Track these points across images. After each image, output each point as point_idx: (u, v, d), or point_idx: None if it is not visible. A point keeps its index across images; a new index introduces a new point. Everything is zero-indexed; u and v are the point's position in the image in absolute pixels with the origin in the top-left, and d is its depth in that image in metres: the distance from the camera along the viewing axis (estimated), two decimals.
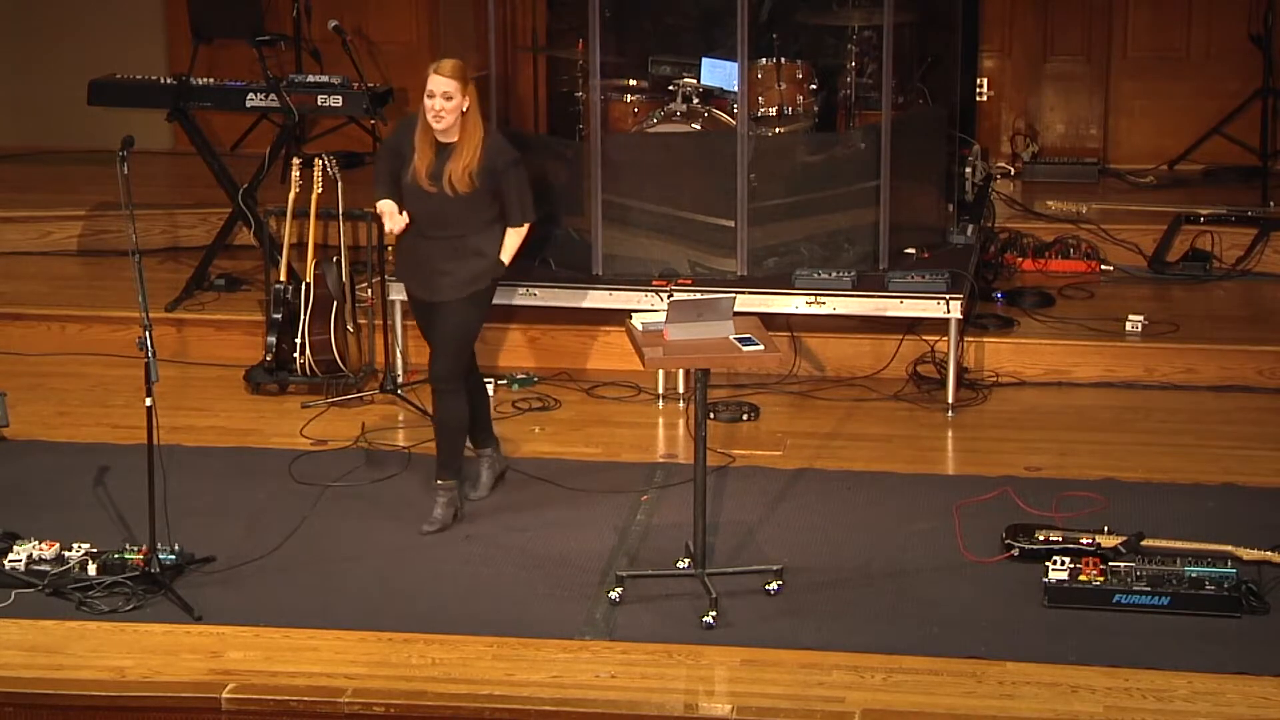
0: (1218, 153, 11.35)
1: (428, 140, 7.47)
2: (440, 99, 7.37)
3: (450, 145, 7.46)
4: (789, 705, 6.43)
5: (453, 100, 7.37)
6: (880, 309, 9.09)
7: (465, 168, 7.44)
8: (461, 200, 7.48)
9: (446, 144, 7.47)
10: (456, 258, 7.57)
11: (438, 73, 7.40)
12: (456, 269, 7.58)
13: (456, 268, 7.58)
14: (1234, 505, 7.89)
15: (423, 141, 7.48)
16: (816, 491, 8.09)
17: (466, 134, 7.45)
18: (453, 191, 7.46)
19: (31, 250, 10.90)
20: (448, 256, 7.57)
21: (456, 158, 7.45)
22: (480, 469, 8.00)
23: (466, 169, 7.44)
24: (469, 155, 7.45)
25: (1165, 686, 6.49)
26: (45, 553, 7.30)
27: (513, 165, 7.57)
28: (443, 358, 7.67)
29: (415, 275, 7.71)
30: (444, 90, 7.37)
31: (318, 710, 6.50)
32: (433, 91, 7.38)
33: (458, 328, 7.65)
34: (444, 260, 7.57)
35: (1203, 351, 9.29)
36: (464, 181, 7.45)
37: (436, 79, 7.39)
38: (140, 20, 12.22)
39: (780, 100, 9.68)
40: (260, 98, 10.22)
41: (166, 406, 7.87)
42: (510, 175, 7.57)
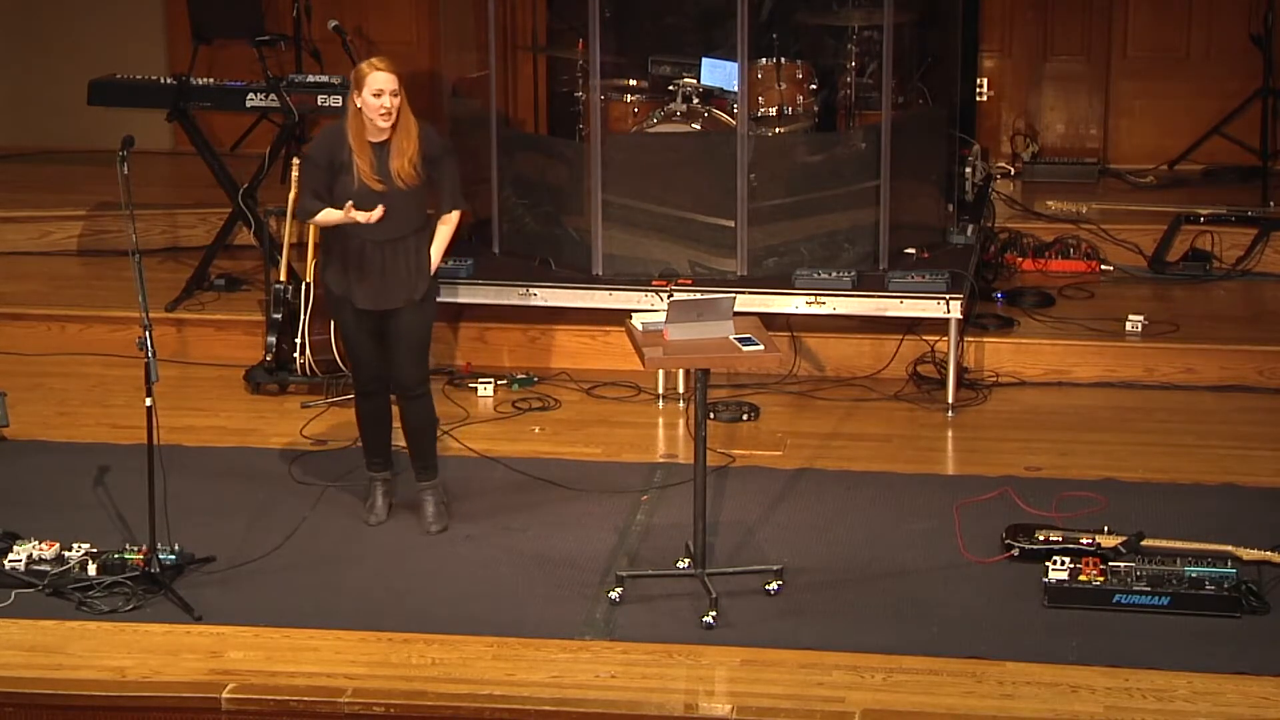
0: (1218, 153, 11.35)
1: (363, 143, 7.38)
2: (389, 96, 7.31)
3: (385, 143, 7.40)
4: (789, 705, 6.43)
5: (398, 96, 7.34)
6: (880, 309, 9.09)
7: (409, 159, 7.39)
8: (409, 195, 7.43)
9: (380, 142, 7.40)
10: (405, 257, 7.51)
11: (381, 69, 7.31)
12: (408, 271, 7.52)
13: (407, 269, 7.52)
14: (1234, 505, 7.89)
15: (359, 145, 7.38)
16: (816, 491, 8.09)
17: (403, 127, 7.39)
18: (404, 185, 7.40)
19: (31, 250, 10.90)
20: (398, 258, 7.49)
21: (399, 152, 7.39)
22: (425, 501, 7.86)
23: (410, 160, 7.39)
24: (409, 146, 7.39)
25: (1165, 686, 6.49)
26: (45, 553, 7.30)
27: (448, 153, 7.59)
28: (412, 364, 7.63)
29: (362, 285, 7.50)
30: (391, 87, 7.31)
31: (318, 710, 6.50)
32: (381, 90, 7.29)
33: (421, 329, 7.63)
34: (395, 263, 7.48)
35: (1203, 351, 9.29)
36: (410, 173, 7.40)
37: (382, 76, 7.30)
38: (140, 20, 12.22)
39: (780, 100, 9.68)
40: (260, 98, 10.22)
41: (166, 406, 7.86)
42: (446, 162, 7.57)
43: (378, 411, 7.79)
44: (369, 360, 7.66)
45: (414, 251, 7.53)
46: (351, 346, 7.73)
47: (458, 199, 7.66)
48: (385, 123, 7.34)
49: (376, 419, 7.81)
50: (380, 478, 7.86)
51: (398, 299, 7.53)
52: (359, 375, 7.75)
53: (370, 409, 7.78)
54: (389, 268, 7.49)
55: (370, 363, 7.67)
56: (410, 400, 7.70)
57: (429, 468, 7.78)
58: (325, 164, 7.45)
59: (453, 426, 8.77)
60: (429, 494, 7.76)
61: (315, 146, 7.57)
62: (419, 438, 7.75)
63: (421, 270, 7.56)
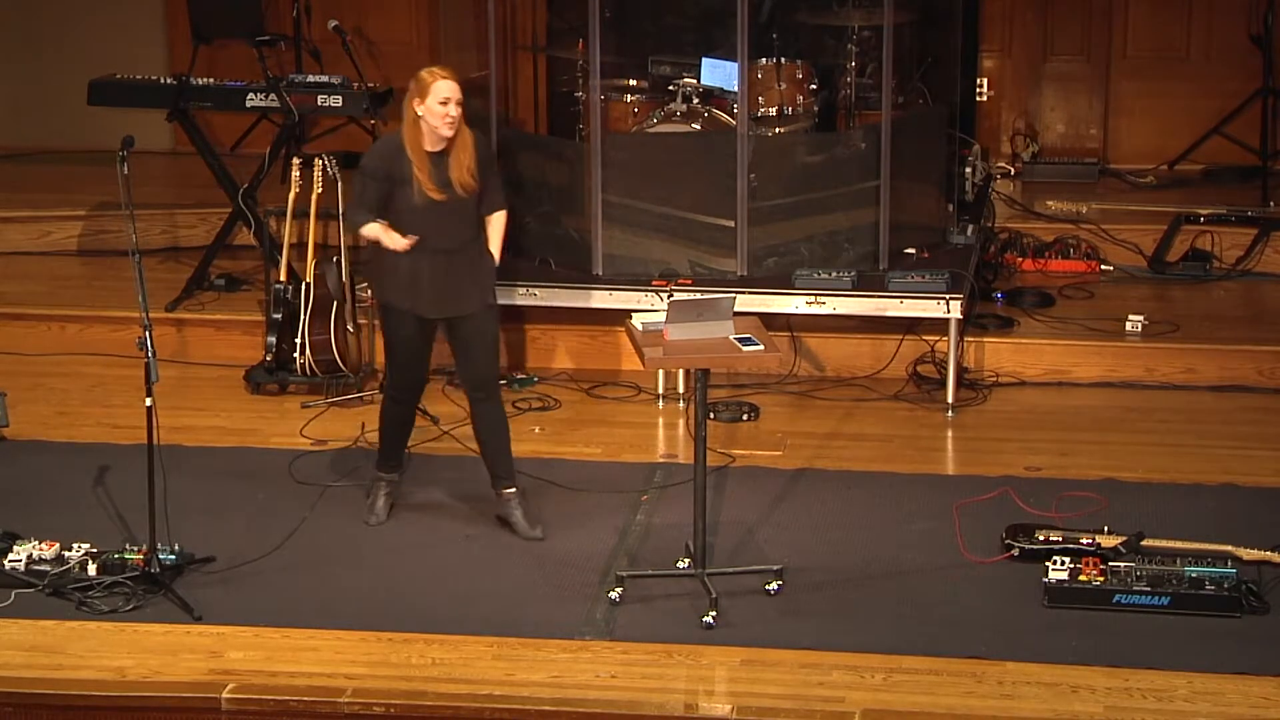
0: (1218, 153, 11.35)
1: (421, 154, 7.34)
2: (455, 105, 7.26)
3: (443, 152, 7.37)
4: (789, 705, 6.43)
5: (461, 105, 7.30)
6: (880, 309, 9.09)
7: (468, 166, 7.38)
8: (468, 204, 7.43)
9: (437, 151, 7.37)
10: (471, 264, 7.49)
11: (446, 78, 7.28)
12: (475, 276, 7.50)
13: (474, 274, 7.50)
14: (1234, 505, 7.89)
15: (418, 155, 7.33)
16: (816, 491, 8.09)
17: (461, 134, 7.37)
18: (464, 194, 7.38)
19: (31, 250, 10.90)
20: (463, 265, 7.46)
21: (457, 160, 7.37)
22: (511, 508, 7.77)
23: (469, 169, 7.38)
24: (466, 154, 7.38)
25: (1165, 686, 6.49)
26: (45, 553, 7.30)
27: (494, 155, 7.63)
28: (488, 363, 7.62)
29: (426, 296, 7.45)
30: (457, 96, 7.27)
31: (318, 710, 6.50)
32: (448, 98, 7.24)
33: (494, 328, 7.62)
34: (461, 271, 7.46)
35: (1203, 351, 9.29)
36: (469, 181, 7.39)
37: (448, 84, 7.26)
38: (140, 20, 12.22)
39: (780, 100, 9.68)
40: (260, 98, 10.22)
41: (166, 406, 7.86)
42: (493, 164, 7.61)
43: (406, 416, 7.80)
44: (416, 370, 7.64)
45: (477, 256, 7.52)
46: (403, 356, 7.61)
47: (505, 197, 7.66)
48: (450, 131, 7.29)
49: (403, 423, 7.80)
50: (388, 479, 7.85)
51: (469, 305, 7.49)
52: (399, 381, 7.67)
53: (400, 414, 7.77)
54: (453, 275, 7.44)
55: (416, 371, 7.64)
56: (483, 403, 7.63)
57: (508, 475, 7.70)
58: (383, 176, 7.37)
59: (453, 426, 8.77)
60: (514, 502, 7.68)
61: (372, 158, 7.48)
62: (496, 441, 7.68)
63: (489, 272, 7.56)
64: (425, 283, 7.44)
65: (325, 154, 9.43)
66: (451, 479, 8.22)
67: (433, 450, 8.56)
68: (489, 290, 7.57)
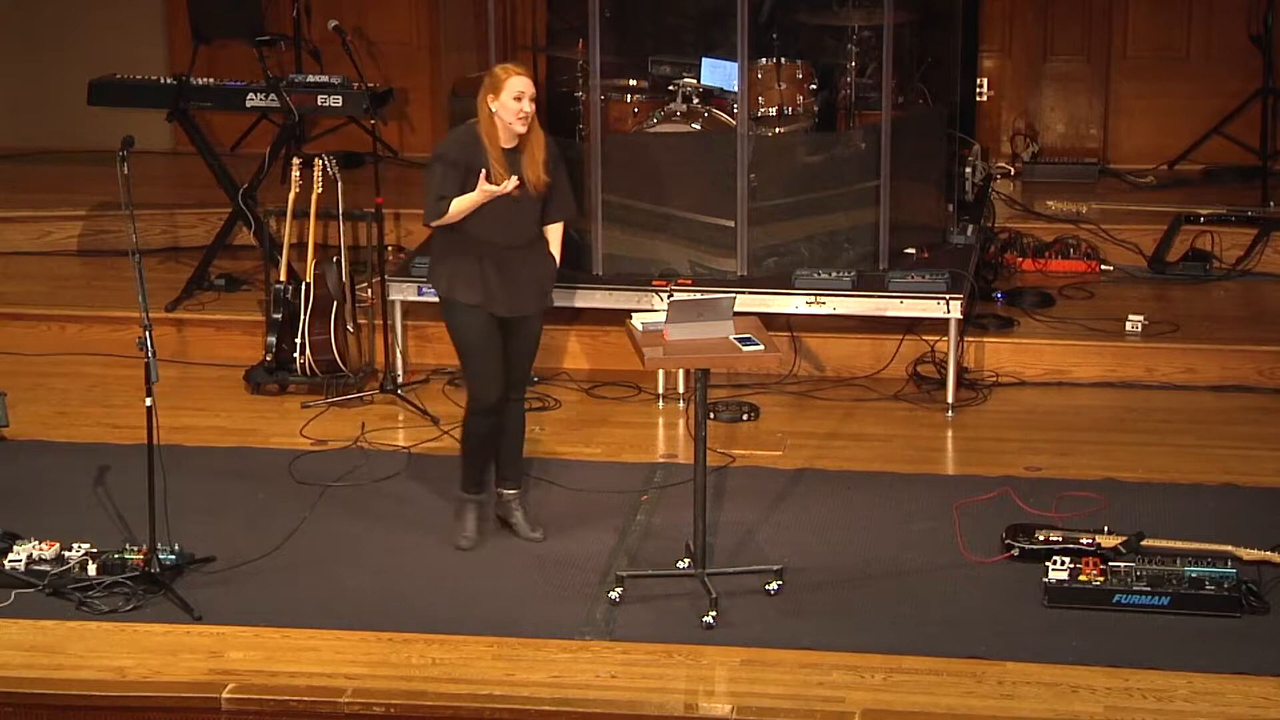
0: (1218, 153, 11.35)
1: (497, 148, 7.25)
2: (528, 100, 7.19)
3: (516, 149, 7.29)
4: (789, 705, 6.43)
5: (534, 102, 7.24)
6: (880, 309, 9.09)
7: (539, 165, 7.32)
8: (533, 202, 7.36)
9: (510, 148, 7.29)
10: (533, 263, 7.41)
11: (520, 74, 7.22)
12: (536, 276, 7.43)
13: (535, 275, 7.43)
14: (1234, 505, 7.89)
15: (493, 149, 7.24)
16: (816, 491, 8.09)
17: (534, 132, 7.30)
18: (536, 191, 7.33)
19: (31, 250, 10.90)
20: (526, 264, 7.39)
21: (531, 157, 7.30)
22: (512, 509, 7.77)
23: (540, 165, 7.32)
24: (539, 152, 7.32)
25: (1165, 686, 6.49)
26: (45, 553, 7.30)
27: (560, 160, 7.51)
28: (528, 367, 7.61)
29: (489, 291, 7.34)
30: (531, 92, 7.21)
31: (318, 710, 6.50)
32: (521, 94, 7.17)
33: (539, 333, 7.59)
34: (524, 269, 7.38)
35: (1203, 351, 9.29)
36: (542, 178, 7.33)
37: (522, 80, 7.19)
38: (140, 20, 12.22)
39: (780, 100, 9.68)
40: (260, 98, 10.22)
41: (166, 406, 7.86)
42: (560, 170, 7.51)
43: (493, 432, 7.56)
44: (497, 372, 7.44)
45: (541, 256, 7.47)
46: (480, 360, 7.44)
47: (570, 206, 7.59)
48: (522, 127, 7.22)
49: (490, 440, 7.59)
50: (477, 500, 7.66)
51: (530, 305, 7.45)
52: (484, 391, 7.45)
53: (489, 429, 7.54)
54: (521, 273, 7.38)
55: (499, 377, 7.44)
56: (515, 402, 7.61)
57: (515, 477, 7.68)
58: (464, 165, 7.27)
59: (453, 426, 8.76)
60: (515, 503, 7.67)
61: (449, 147, 7.38)
62: (515, 440, 7.66)
63: (550, 275, 7.50)
64: (495, 279, 7.34)
65: (325, 154, 9.43)
66: (451, 479, 8.20)
67: (433, 450, 8.56)
68: (547, 294, 7.55)
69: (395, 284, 9.30)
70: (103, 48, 11.88)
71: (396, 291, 9.30)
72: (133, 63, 11.03)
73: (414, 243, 10.34)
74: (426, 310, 9.49)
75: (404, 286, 9.31)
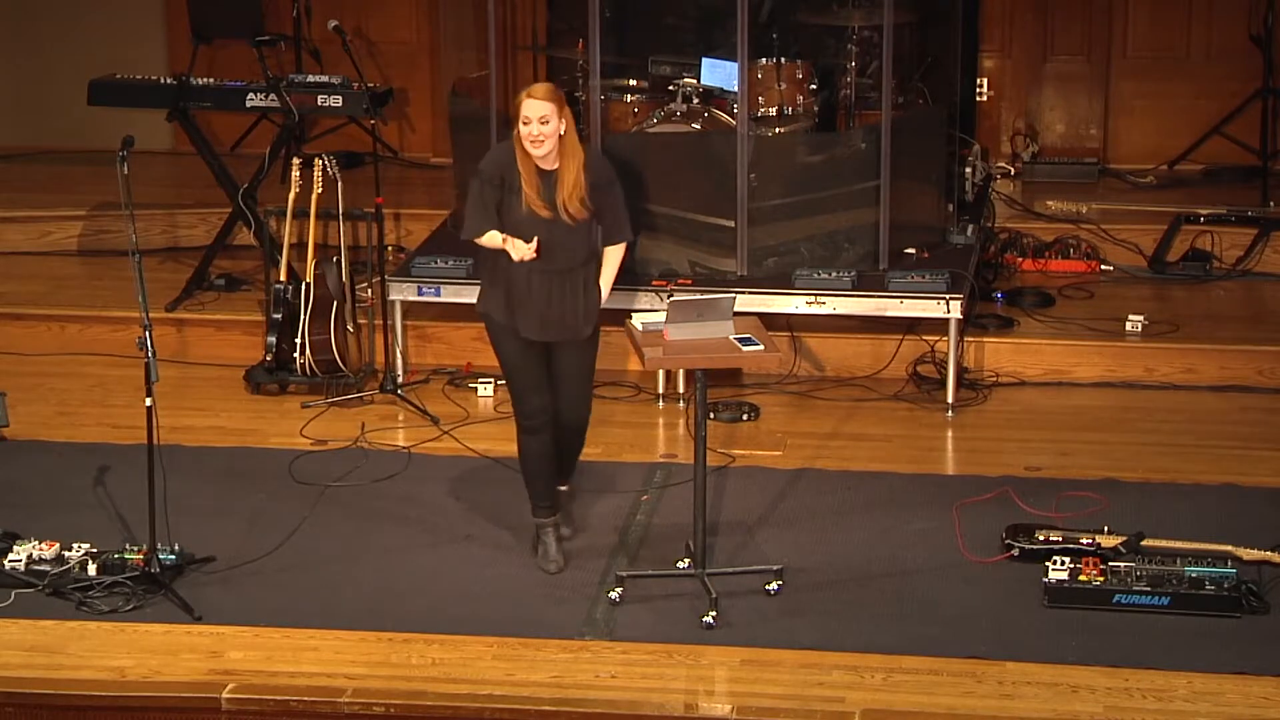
0: (1218, 153, 11.35)
1: (530, 167, 7.09)
2: (536, 124, 7.00)
3: (552, 172, 7.16)
4: (789, 705, 6.43)
5: (549, 124, 7.02)
6: (880, 309, 9.09)
7: (574, 192, 7.13)
8: (578, 229, 7.18)
9: (548, 170, 7.14)
10: (575, 291, 7.23)
11: (531, 96, 7.04)
12: (577, 303, 7.26)
13: (576, 302, 7.24)
14: (1234, 505, 7.89)
15: (526, 169, 7.08)
16: (816, 491, 8.09)
17: (567, 157, 7.11)
18: (570, 220, 7.14)
19: (31, 250, 10.90)
20: (566, 291, 7.21)
21: (562, 184, 7.12)
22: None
23: (576, 193, 7.14)
24: (574, 178, 7.13)
25: (1165, 686, 6.49)
26: (45, 553, 7.30)
27: (614, 182, 7.31)
28: (579, 400, 7.43)
29: (528, 314, 7.21)
30: (540, 115, 7.00)
31: (318, 710, 6.50)
32: (528, 117, 7.00)
33: (588, 363, 7.40)
34: (563, 295, 7.21)
35: (1203, 351, 9.29)
36: (577, 207, 7.14)
37: (531, 103, 7.02)
38: (140, 20, 12.22)
39: (780, 100, 9.68)
40: (260, 98, 10.22)
41: (166, 406, 7.87)
42: (612, 192, 7.30)
43: (545, 449, 7.42)
44: (536, 389, 7.34)
45: (582, 285, 7.26)
46: (518, 376, 7.35)
47: (625, 230, 7.37)
48: (536, 150, 7.04)
49: (544, 456, 7.44)
50: (550, 523, 7.47)
51: (567, 332, 7.27)
52: (525, 407, 7.36)
53: (537, 446, 7.41)
54: (555, 299, 7.20)
55: (538, 391, 7.34)
56: (568, 430, 7.50)
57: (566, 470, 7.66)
58: (497, 182, 7.15)
59: (453, 426, 8.77)
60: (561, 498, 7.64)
61: (488, 163, 7.27)
62: (565, 455, 7.59)
63: (590, 305, 7.29)
64: (526, 301, 7.20)
65: (325, 154, 9.43)
66: (452, 479, 8.22)
67: (433, 450, 8.56)
68: (590, 323, 7.31)
69: (395, 284, 9.30)
70: (103, 48, 11.88)
71: (396, 291, 9.30)
72: (133, 63, 11.03)
73: (414, 243, 10.34)
74: (426, 310, 9.51)
75: (404, 286, 9.31)
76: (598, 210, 7.25)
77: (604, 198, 7.26)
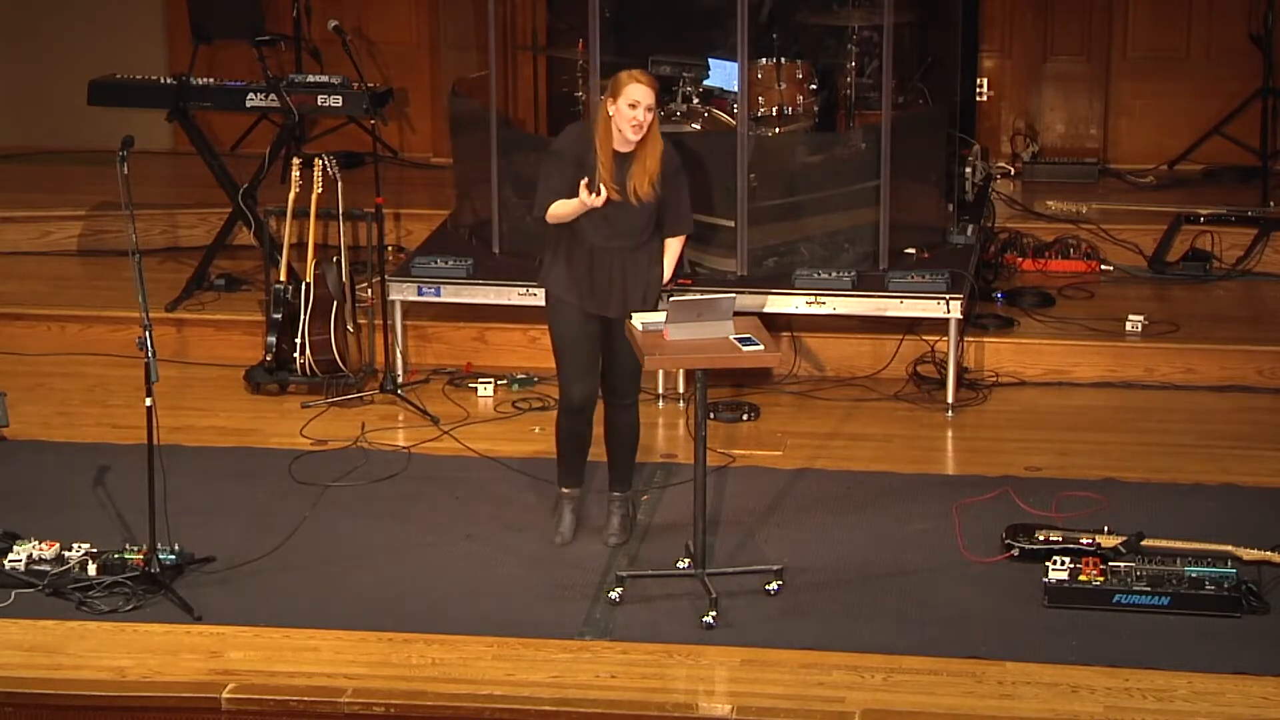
0: (1218, 153, 11.35)
1: (609, 149, 7.28)
2: (644, 110, 7.18)
3: (628, 155, 7.28)
4: (789, 705, 6.43)
5: (652, 111, 7.22)
6: (880, 309, 9.09)
7: (649, 176, 7.29)
8: (642, 209, 7.33)
9: (624, 153, 7.28)
10: (635, 268, 7.39)
11: (639, 82, 7.18)
12: (635, 281, 7.40)
13: (635, 280, 7.40)
14: (1234, 505, 7.89)
15: (604, 151, 7.24)
16: (816, 491, 8.09)
17: (650, 142, 7.29)
18: (637, 201, 7.29)
19: (31, 250, 10.90)
20: (626, 268, 7.37)
21: (640, 167, 7.28)
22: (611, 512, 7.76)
23: (650, 177, 7.29)
24: (652, 163, 7.30)
25: (1165, 686, 6.49)
26: (45, 553, 7.30)
27: (681, 173, 7.47)
28: (630, 373, 7.52)
29: (588, 289, 7.37)
30: (648, 102, 7.18)
31: (318, 710, 6.50)
32: (636, 102, 7.14)
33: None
34: (623, 272, 7.35)
35: (1203, 351, 9.29)
36: (647, 190, 7.30)
37: (640, 89, 7.17)
38: (140, 20, 12.22)
39: (780, 100, 9.68)
40: (260, 98, 10.22)
41: (166, 406, 7.87)
42: (678, 182, 7.46)
43: (584, 430, 7.60)
44: (584, 375, 7.47)
45: (645, 264, 7.41)
46: (568, 355, 7.48)
47: (687, 222, 7.53)
48: (635, 135, 7.22)
49: (581, 437, 7.62)
50: (572, 495, 7.69)
51: (619, 308, 7.39)
52: (571, 390, 7.49)
53: (576, 427, 7.58)
54: (616, 275, 7.35)
55: (587, 375, 7.47)
56: (619, 409, 7.60)
57: (625, 480, 7.70)
58: (575, 162, 7.31)
59: (453, 426, 8.77)
60: (617, 505, 7.68)
61: (564, 143, 7.44)
62: (622, 448, 7.66)
63: (651, 285, 7.42)
64: (588, 276, 7.36)
65: (325, 154, 9.42)
66: (451, 479, 8.22)
67: (433, 450, 8.56)
68: (648, 301, 7.45)
69: (395, 284, 9.30)
70: (103, 48, 11.88)
71: (396, 291, 9.30)
72: (133, 63, 11.03)
73: (414, 243, 10.34)
74: (426, 310, 9.51)
75: (404, 286, 9.31)
76: (663, 199, 7.40)
77: (671, 188, 7.42)
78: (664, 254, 7.50)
